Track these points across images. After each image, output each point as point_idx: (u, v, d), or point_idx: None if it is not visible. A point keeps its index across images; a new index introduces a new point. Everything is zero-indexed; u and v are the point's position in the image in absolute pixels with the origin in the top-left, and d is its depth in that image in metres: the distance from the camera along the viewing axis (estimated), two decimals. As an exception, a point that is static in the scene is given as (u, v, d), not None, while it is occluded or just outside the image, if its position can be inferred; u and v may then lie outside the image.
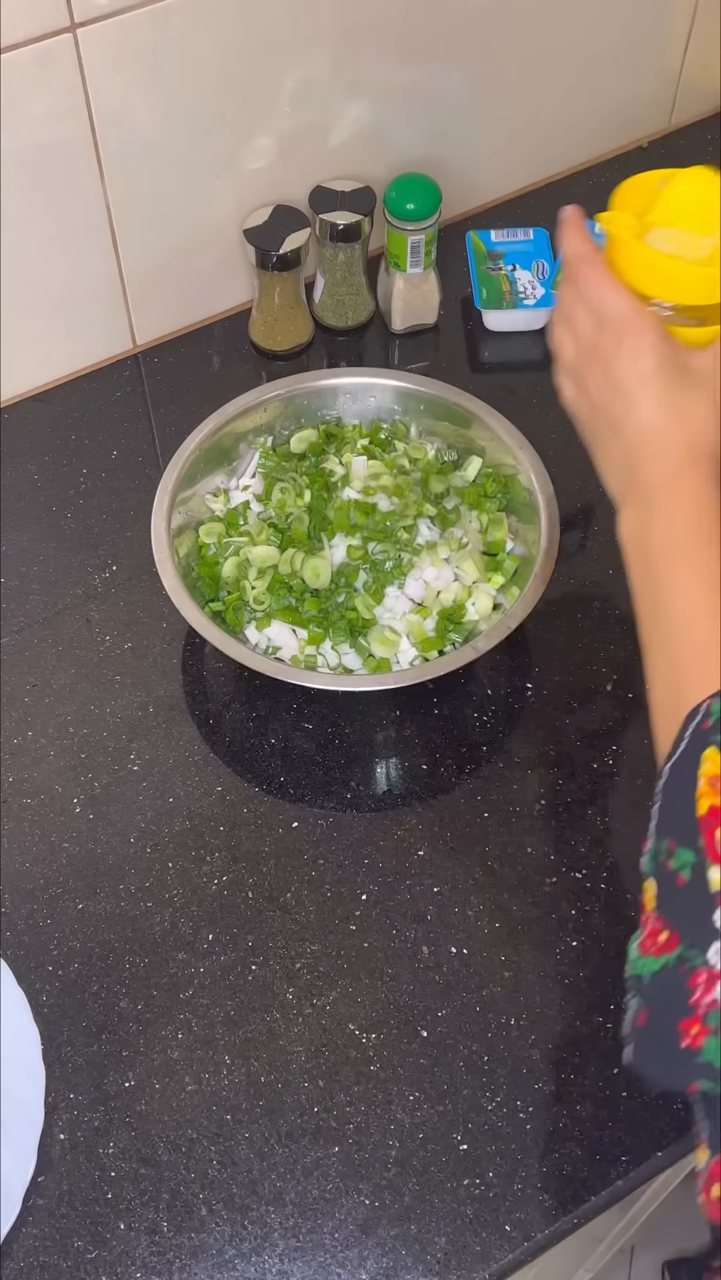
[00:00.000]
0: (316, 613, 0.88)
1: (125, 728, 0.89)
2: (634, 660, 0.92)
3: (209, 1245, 0.71)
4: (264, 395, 0.96)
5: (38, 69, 0.89)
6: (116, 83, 0.93)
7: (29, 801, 0.86)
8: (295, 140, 1.05)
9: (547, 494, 0.90)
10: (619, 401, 0.70)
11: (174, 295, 1.10)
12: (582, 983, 0.78)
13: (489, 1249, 0.70)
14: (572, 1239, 0.74)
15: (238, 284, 1.12)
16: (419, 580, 0.89)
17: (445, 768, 0.88)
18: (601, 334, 0.71)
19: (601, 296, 0.71)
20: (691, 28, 1.21)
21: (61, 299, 1.03)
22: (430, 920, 0.81)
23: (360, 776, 0.87)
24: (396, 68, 1.06)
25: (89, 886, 0.83)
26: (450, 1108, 0.74)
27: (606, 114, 1.23)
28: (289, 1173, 0.73)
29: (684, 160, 1.27)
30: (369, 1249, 0.70)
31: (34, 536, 1.00)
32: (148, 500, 0.91)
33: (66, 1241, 0.71)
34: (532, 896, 0.82)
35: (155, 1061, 0.76)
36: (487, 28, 1.08)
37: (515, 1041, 0.76)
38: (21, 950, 0.80)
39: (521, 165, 1.22)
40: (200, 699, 0.91)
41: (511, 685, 0.91)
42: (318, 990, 0.79)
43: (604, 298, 0.71)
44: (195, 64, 0.95)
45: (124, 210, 1.01)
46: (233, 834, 0.85)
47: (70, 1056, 0.76)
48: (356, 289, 1.10)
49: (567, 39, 1.14)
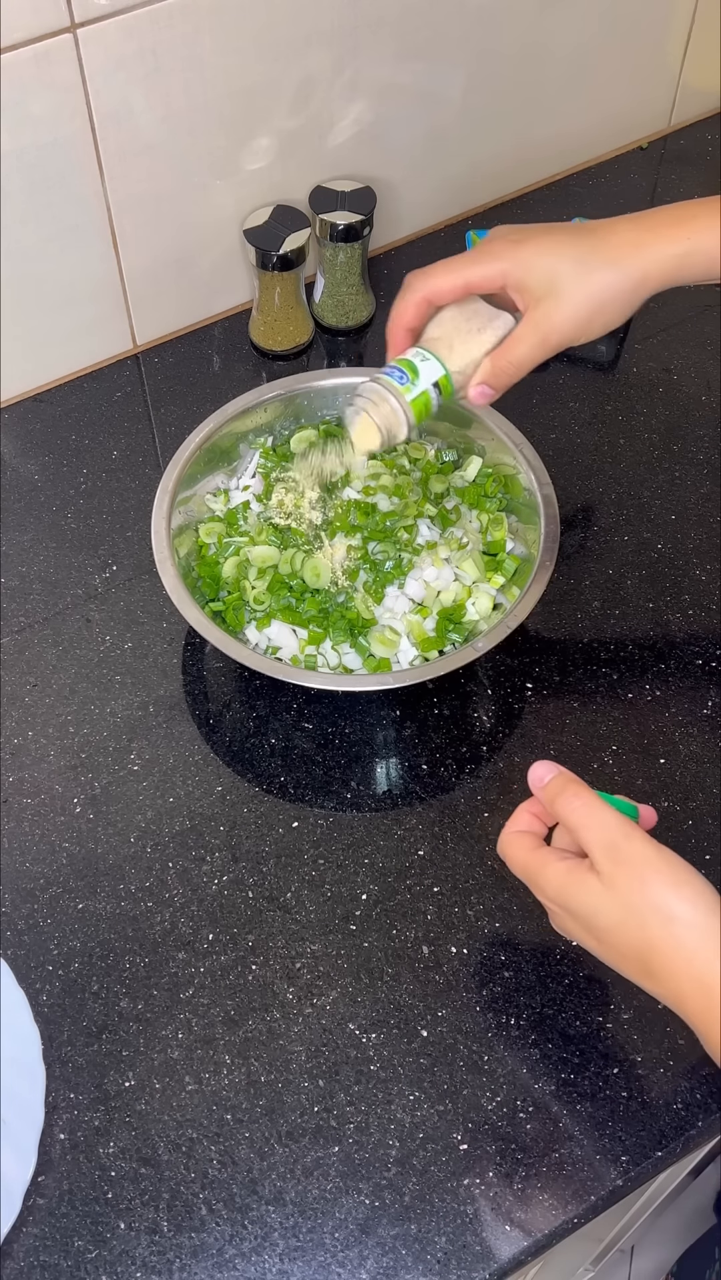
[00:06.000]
0: (316, 613, 0.88)
1: (125, 728, 0.89)
2: (634, 660, 0.93)
3: (209, 1245, 0.71)
4: (264, 395, 0.96)
5: (38, 69, 0.89)
6: (116, 83, 0.93)
7: (29, 801, 0.86)
8: (295, 140, 1.05)
9: (547, 494, 0.90)
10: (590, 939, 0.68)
11: (174, 295, 1.10)
12: (582, 983, 0.78)
13: (489, 1249, 0.70)
14: (572, 1239, 0.74)
15: (238, 284, 1.12)
16: (419, 580, 0.89)
17: (445, 768, 0.88)
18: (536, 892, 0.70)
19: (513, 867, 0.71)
20: (691, 28, 1.21)
21: (61, 299, 1.03)
22: (430, 920, 0.81)
23: (360, 776, 0.87)
24: (396, 68, 1.06)
25: (89, 886, 0.83)
26: (450, 1108, 0.74)
27: (606, 114, 1.23)
28: (289, 1172, 0.73)
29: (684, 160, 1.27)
30: (369, 1249, 0.70)
31: (34, 536, 1.00)
32: (148, 500, 0.91)
33: (67, 1241, 0.71)
34: (532, 896, 0.82)
35: (155, 1061, 0.76)
36: (487, 28, 1.08)
37: (515, 1041, 0.77)
38: (22, 950, 0.80)
39: (521, 165, 1.22)
40: (200, 699, 0.91)
41: (511, 685, 0.91)
42: (318, 990, 0.79)
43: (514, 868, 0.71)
44: (195, 64, 0.95)
45: (124, 210, 1.01)
46: (233, 834, 0.85)
47: (70, 1056, 0.76)
48: (356, 289, 1.10)
49: (567, 39, 1.14)
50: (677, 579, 0.97)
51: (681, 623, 0.94)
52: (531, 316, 0.79)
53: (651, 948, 0.63)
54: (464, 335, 0.81)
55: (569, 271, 0.77)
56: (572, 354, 1.11)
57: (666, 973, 0.63)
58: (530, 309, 0.79)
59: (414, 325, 0.82)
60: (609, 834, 0.65)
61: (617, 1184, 0.72)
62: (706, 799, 0.86)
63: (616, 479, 1.03)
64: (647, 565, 0.97)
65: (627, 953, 0.65)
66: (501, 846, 0.72)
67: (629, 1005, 0.77)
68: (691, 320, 1.13)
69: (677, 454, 1.04)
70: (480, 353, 0.81)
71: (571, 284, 0.77)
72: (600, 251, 0.77)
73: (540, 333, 0.79)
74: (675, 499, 1.02)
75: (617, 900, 0.64)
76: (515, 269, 0.78)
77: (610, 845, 0.65)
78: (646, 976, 0.65)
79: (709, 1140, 0.78)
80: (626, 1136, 0.73)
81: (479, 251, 0.80)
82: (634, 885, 0.64)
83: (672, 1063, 0.75)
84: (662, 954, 0.63)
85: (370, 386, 0.81)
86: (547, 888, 0.68)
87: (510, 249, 0.79)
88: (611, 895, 0.65)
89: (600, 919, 0.65)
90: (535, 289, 0.78)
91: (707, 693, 0.91)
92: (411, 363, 0.81)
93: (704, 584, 0.96)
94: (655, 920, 0.63)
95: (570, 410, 1.07)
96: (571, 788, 0.68)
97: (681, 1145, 0.74)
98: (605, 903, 0.65)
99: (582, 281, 0.77)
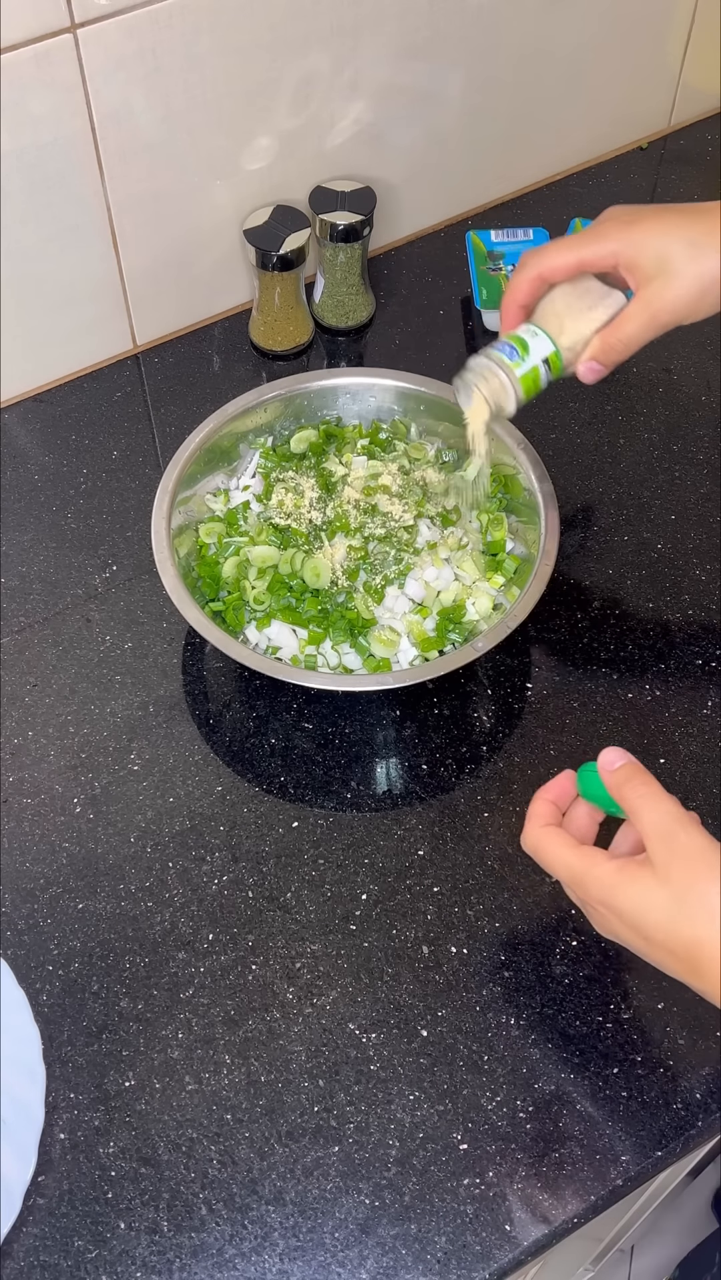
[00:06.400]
0: (316, 613, 0.88)
1: (125, 728, 0.89)
2: (634, 660, 0.93)
3: (209, 1245, 0.71)
4: (264, 395, 0.96)
5: (38, 69, 0.89)
6: (116, 83, 0.93)
7: (29, 801, 0.86)
8: (295, 140, 1.05)
9: (547, 494, 0.90)
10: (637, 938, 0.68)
11: (174, 295, 1.10)
12: (582, 982, 0.78)
13: (489, 1249, 0.70)
14: (572, 1239, 0.74)
15: (238, 284, 1.12)
16: (419, 580, 0.89)
17: (445, 768, 0.88)
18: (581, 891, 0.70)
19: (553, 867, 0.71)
20: (691, 28, 1.21)
21: (61, 299, 1.03)
22: (430, 920, 0.81)
23: (360, 776, 0.87)
24: (396, 68, 1.06)
25: (89, 886, 0.83)
26: (450, 1108, 0.74)
27: (606, 114, 1.23)
28: (289, 1172, 0.73)
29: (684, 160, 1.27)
30: (369, 1248, 0.70)
31: (34, 536, 1.00)
32: (148, 500, 0.91)
33: (67, 1241, 0.71)
34: (533, 896, 0.82)
35: (155, 1061, 0.76)
36: (487, 28, 1.08)
37: (515, 1041, 0.77)
38: (22, 950, 0.80)
39: (521, 165, 1.22)
40: (200, 699, 0.91)
41: (511, 685, 0.91)
42: (318, 990, 0.79)
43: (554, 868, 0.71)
44: (195, 64, 0.95)
45: (124, 210, 1.01)
46: (233, 834, 0.85)
47: (70, 1056, 0.76)
48: (356, 289, 1.10)
49: (567, 39, 1.14)
50: (677, 579, 0.97)
51: (681, 623, 0.94)
52: (642, 295, 0.80)
53: (700, 945, 0.63)
54: (575, 312, 0.82)
55: (680, 251, 0.78)
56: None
57: (714, 970, 0.63)
58: (641, 287, 0.80)
59: (526, 302, 0.83)
60: (669, 824, 0.65)
61: (617, 1184, 0.72)
62: (706, 799, 0.86)
63: (616, 479, 1.03)
64: (647, 565, 0.97)
65: (676, 949, 0.64)
66: (533, 843, 0.72)
67: (629, 1005, 0.77)
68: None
69: (677, 454, 1.05)
70: (590, 330, 0.82)
71: (682, 264, 0.78)
72: (713, 233, 0.78)
73: (650, 310, 0.79)
74: (675, 499, 1.02)
75: (670, 894, 0.64)
76: (627, 248, 0.79)
77: (668, 834, 0.65)
78: (694, 974, 0.65)
79: (709, 1140, 0.78)
80: (626, 1136, 0.73)
81: (592, 231, 0.81)
82: (686, 878, 0.64)
83: (672, 1063, 0.75)
84: (710, 952, 0.63)
85: (480, 361, 0.82)
86: (595, 887, 0.68)
87: (622, 229, 0.80)
88: (663, 890, 0.64)
89: (650, 916, 0.65)
90: (646, 268, 0.79)
91: (707, 693, 0.91)
92: (522, 339, 0.82)
93: (704, 584, 0.96)
94: (704, 917, 0.63)
95: (570, 410, 1.07)
96: (640, 775, 0.68)
97: (681, 1145, 0.74)
98: (656, 899, 0.64)
99: (694, 261, 0.78)
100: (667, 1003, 0.77)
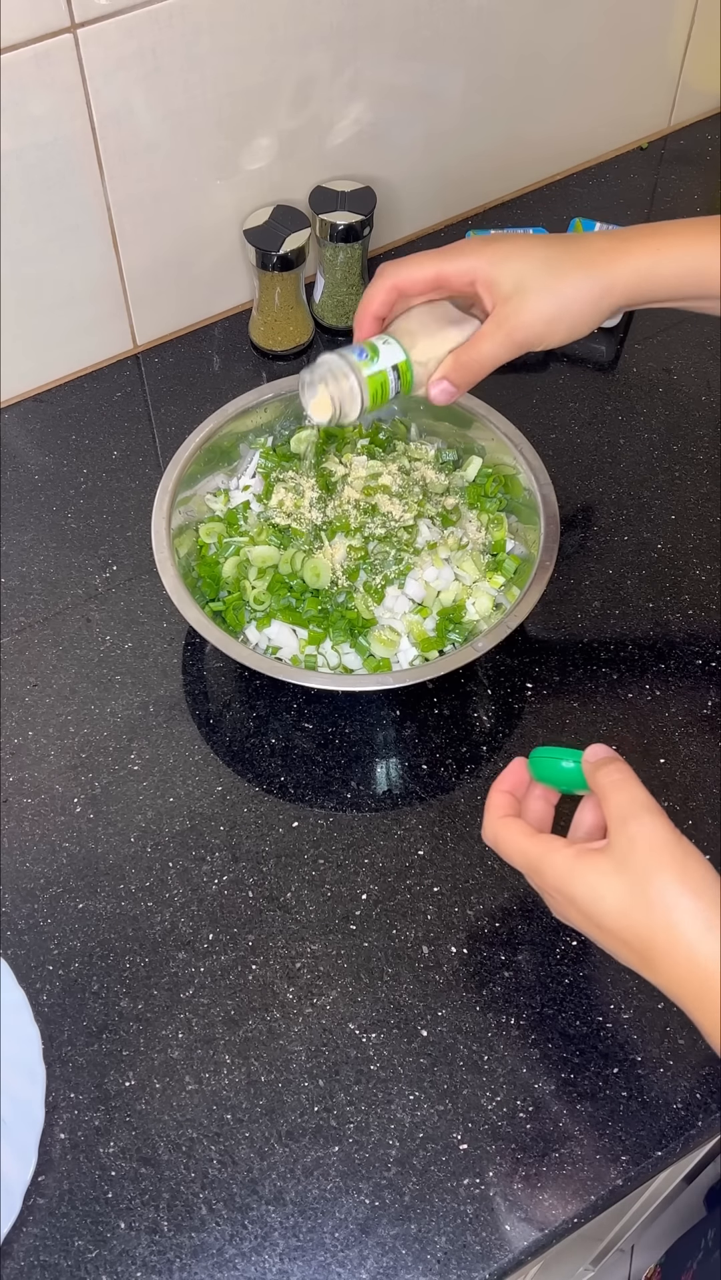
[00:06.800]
0: (316, 613, 0.88)
1: (125, 728, 0.89)
2: (634, 660, 0.93)
3: (209, 1244, 0.71)
4: (264, 395, 0.96)
5: (38, 69, 0.89)
6: (116, 83, 0.93)
7: (29, 801, 0.86)
8: (295, 140, 1.05)
9: (547, 494, 0.90)
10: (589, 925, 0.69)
11: (174, 295, 1.10)
12: (582, 982, 0.78)
13: (489, 1249, 0.70)
14: (572, 1239, 0.74)
15: (238, 284, 1.12)
16: (419, 580, 0.89)
17: (445, 768, 0.88)
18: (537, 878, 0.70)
19: (510, 856, 0.71)
20: (691, 28, 1.21)
21: (61, 299, 1.03)
22: (430, 920, 0.81)
23: (360, 776, 0.87)
24: (396, 68, 1.06)
25: (89, 886, 0.83)
26: (450, 1108, 0.74)
27: (606, 114, 1.23)
28: (289, 1172, 0.73)
29: (684, 160, 1.27)
30: (369, 1248, 0.70)
31: (34, 536, 1.00)
32: (148, 500, 0.91)
33: (67, 1241, 0.71)
34: (533, 896, 0.82)
35: (155, 1061, 0.76)
36: (487, 28, 1.08)
37: (515, 1041, 0.77)
38: (22, 950, 0.80)
39: (521, 165, 1.22)
40: (200, 699, 0.91)
41: (511, 685, 0.91)
42: (318, 990, 0.79)
43: (511, 857, 0.71)
44: (195, 64, 0.95)
45: (124, 210, 1.01)
46: (233, 834, 0.85)
47: (70, 1056, 0.76)
48: (356, 289, 1.10)
49: (567, 39, 1.14)
50: (677, 579, 0.97)
51: (681, 623, 0.94)
52: (498, 313, 0.79)
53: (652, 936, 0.63)
54: (429, 331, 0.81)
55: (537, 271, 0.78)
56: (572, 354, 1.11)
57: (666, 962, 0.63)
58: (498, 306, 0.79)
59: (381, 313, 0.82)
60: (635, 810, 0.65)
61: (617, 1184, 0.72)
62: (706, 799, 0.86)
63: (616, 479, 1.03)
64: (647, 565, 0.97)
65: (629, 939, 0.65)
66: (491, 835, 0.72)
67: (629, 1005, 0.77)
68: (691, 320, 1.13)
69: (677, 454, 1.05)
70: (444, 349, 0.81)
71: (539, 283, 0.77)
72: (571, 255, 0.78)
73: (505, 329, 0.79)
74: (675, 499, 1.02)
75: (626, 882, 0.64)
76: (485, 265, 0.78)
77: (633, 819, 0.65)
78: (645, 966, 0.65)
79: (709, 1140, 0.78)
80: (626, 1136, 0.73)
81: (451, 247, 0.81)
82: (645, 868, 0.64)
83: (672, 1063, 0.76)
84: (663, 943, 0.63)
85: (332, 359, 0.81)
86: (550, 873, 0.68)
87: (482, 246, 0.79)
88: (619, 877, 0.64)
89: (604, 904, 0.65)
90: (503, 286, 0.78)
91: (707, 693, 0.91)
92: (374, 344, 0.81)
93: (704, 584, 0.96)
94: (659, 908, 0.63)
95: (570, 410, 1.07)
96: (616, 763, 0.69)
97: (681, 1145, 0.74)
98: (612, 886, 0.65)
99: (549, 282, 0.77)
100: (667, 1002, 0.77)
